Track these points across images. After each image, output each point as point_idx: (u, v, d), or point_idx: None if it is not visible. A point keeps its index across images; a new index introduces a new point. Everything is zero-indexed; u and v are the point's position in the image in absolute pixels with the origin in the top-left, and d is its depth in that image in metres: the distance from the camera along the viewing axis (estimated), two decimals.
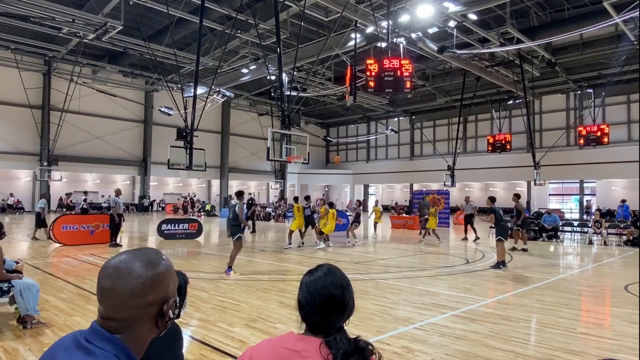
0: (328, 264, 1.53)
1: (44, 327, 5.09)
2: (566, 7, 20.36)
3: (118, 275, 0.99)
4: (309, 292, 1.41)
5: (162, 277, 1.02)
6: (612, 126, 25.81)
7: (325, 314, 1.38)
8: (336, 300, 1.39)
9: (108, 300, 0.98)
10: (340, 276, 1.45)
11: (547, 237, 16.89)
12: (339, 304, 1.40)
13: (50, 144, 28.87)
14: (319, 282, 1.42)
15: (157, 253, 1.07)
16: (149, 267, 1.00)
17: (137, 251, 1.05)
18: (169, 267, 1.05)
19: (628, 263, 11.87)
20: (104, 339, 0.96)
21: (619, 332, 5.33)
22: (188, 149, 15.75)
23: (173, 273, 1.07)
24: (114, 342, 0.96)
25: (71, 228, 13.37)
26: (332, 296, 1.39)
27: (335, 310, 1.39)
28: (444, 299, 6.92)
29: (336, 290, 1.40)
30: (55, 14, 19.14)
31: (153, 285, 0.99)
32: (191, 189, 40.17)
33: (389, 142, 45.28)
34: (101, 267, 1.03)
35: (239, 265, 9.50)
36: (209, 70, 26.35)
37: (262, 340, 1.49)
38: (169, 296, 1.03)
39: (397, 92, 14.42)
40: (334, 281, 1.42)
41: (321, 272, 1.45)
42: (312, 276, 1.45)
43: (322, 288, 1.40)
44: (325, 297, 1.39)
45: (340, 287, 1.42)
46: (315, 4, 18.37)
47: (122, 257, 1.03)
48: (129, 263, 1.00)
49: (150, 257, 1.03)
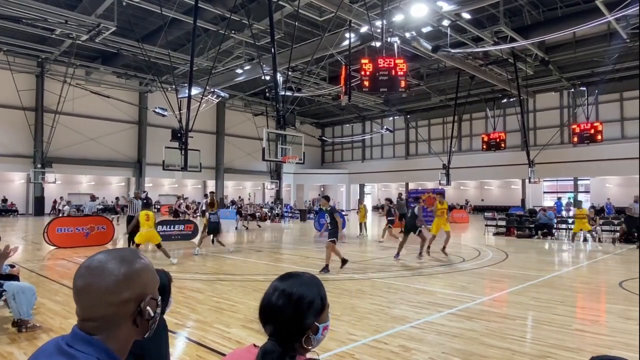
0: (298, 272, 1.41)
1: (40, 331, 5.05)
2: (559, 6, 20.48)
3: (91, 273, 0.98)
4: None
5: (137, 274, 1.01)
6: (605, 124, 26.03)
7: (262, 321, 1.32)
8: (271, 308, 1.30)
9: (83, 299, 0.98)
10: (291, 286, 1.32)
11: (542, 234, 16.96)
12: (274, 313, 1.29)
13: (44, 146, 28.69)
14: (269, 287, 1.35)
15: (133, 252, 1.07)
16: (123, 264, 1.00)
17: (112, 250, 1.05)
18: (145, 265, 1.04)
19: (622, 260, 11.95)
20: (85, 342, 0.95)
21: (614, 329, 5.36)
22: (183, 149, 15.71)
23: (150, 271, 1.05)
24: (95, 344, 0.95)
25: (66, 230, 13.28)
26: (267, 303, 1.31)
27: (270, 320, 1.30)
28: (440, 298, 6.94)
29: (277, 299, 1.30)
30: (47, 15, 19.02)
31: (127, 282, 0.98)
32: (186, 190, 40.05)
33: (384, 142, 45.37)
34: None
35: (235, 266, 9.46)
36: (204, 71, 26.29)
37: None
38: (146, 293, 1.01)
39: (392, 91, 14.47)
40: (279, 288, 1.32)
41: (277, 279, 1.37)
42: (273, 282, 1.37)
43: (265, 294, 1.33)
44: (263, 301, 1.32)
45: (285, 296, 1.29)
46: (309, 3, 18.37)
47: (95, 257, 1.03)
48: (102, 261, 1.00)
49: (125, 255, 1.03)
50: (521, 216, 19.25)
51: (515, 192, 36.98)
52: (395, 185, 46.17)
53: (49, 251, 12.39)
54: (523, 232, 17.71)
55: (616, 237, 16.01)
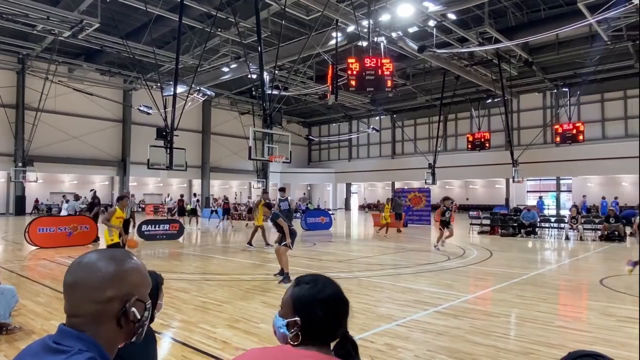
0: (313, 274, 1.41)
1: (21, 332, 4.95)
2: (542, 8, 20.79)
3: (80, 270, 0.99)
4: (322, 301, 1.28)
5: (125, 273, 1.00)
6: (587, 124, 26.47)
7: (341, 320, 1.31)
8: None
9: (70, 295, 0.98)
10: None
11: (525, 233, 17.21)
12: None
13: (25, 144, 28.12)
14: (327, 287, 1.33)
15: (125, 253, 1.06)
16: (111, 263, 1.00)
17: (105, 249, 1.06)
18: (135, 266, 1.04)
19: (603, 257, 12.20)
20: (72, 337, 0.94)
21: (595, 325, 5.46)
22: (168, 148, 15.53)
23: (140, 273, 1.04)
24: (83, 338, 0.94)
25: (48, 230, 13.03)
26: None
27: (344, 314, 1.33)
28: (426, 296, 6.99)
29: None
30: (29, 10, 18.62)
31: (114, 280, 0.98)
32: (171, 189, 39.65)
33: (371, 141, 45.52)
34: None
35: (222, 265, 9.40)
36: (189, 69, 26.04)
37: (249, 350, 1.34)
38: (133, 294, 1.00)
39: (378, 90, 14.52)
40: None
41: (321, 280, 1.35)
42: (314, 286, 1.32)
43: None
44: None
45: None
46: (296, 2, 18.33)
47: (88, 254, 1.03)
48: (93, 259, 1.01)
49: (115, 255, 1.03)
50: (505, 215, 19.51)
51: (499, 191, 37.47)
52: (381, 184, 46.40)
53: (30, 251, 12.16)
54: (507, 231, 17.95)
55: (597, 236, 16.33)
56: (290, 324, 1.25)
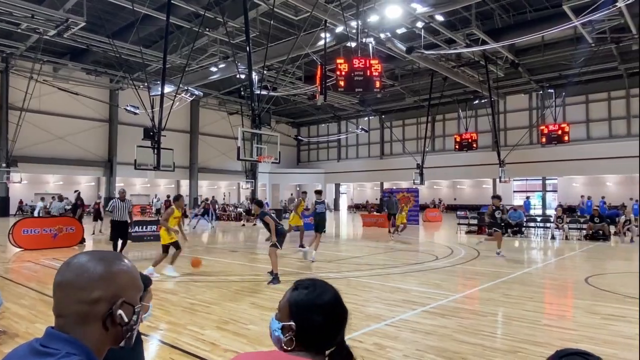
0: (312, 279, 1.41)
1: (5, 336, 4.87)
2: (528, 10, 21.04)
3: (69, 270, 0.98)
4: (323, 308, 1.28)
5: (114, 275, 0.99)
6: (572, 125, 26.86)
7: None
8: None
9: (57, 295, 0.97)
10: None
11: (512, 232, 17.39)
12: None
13: (9, 145, 27.60)
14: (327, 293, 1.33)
15: (117, 255, 1.05)
16: (100, 264, 0.99)
17: (97, 251, 1.04)
18: (126, 267, 1.03)
19: (588, 256, 12.39)
20: (60, 340, 0.93)
21: (580, 323, 5.55)
22: (156, 148, 15.39)
23: (130, 275, 1.03)
24: (70, 341, 0.93)
25: (32, 232, 12.83)
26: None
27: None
28: (414, 295, 7.03)
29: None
30: (13, 8, 18.28)
31: (101, 281, 0.96)
32: (159, 189, 39.29)
33: (360, 141, 45.65)
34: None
35: (210, 267, 9.33)
36: (177, 69, 25.84)
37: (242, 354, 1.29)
38: (120, 296, 0.98)
39: (367, 91, 14.55)
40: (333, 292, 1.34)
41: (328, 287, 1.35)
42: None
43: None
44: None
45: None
46: (284, 2, 18.29)
47: (78, 255, 1.02)
48: (82, 260, 1.00)
49: (106, 256, 1.02)
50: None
51: (487, 191, 37.80)
52: (370, 184, 46.54)
53: (15, 253, 11.95)
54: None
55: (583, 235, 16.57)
56: (285, 328, 1.23)
